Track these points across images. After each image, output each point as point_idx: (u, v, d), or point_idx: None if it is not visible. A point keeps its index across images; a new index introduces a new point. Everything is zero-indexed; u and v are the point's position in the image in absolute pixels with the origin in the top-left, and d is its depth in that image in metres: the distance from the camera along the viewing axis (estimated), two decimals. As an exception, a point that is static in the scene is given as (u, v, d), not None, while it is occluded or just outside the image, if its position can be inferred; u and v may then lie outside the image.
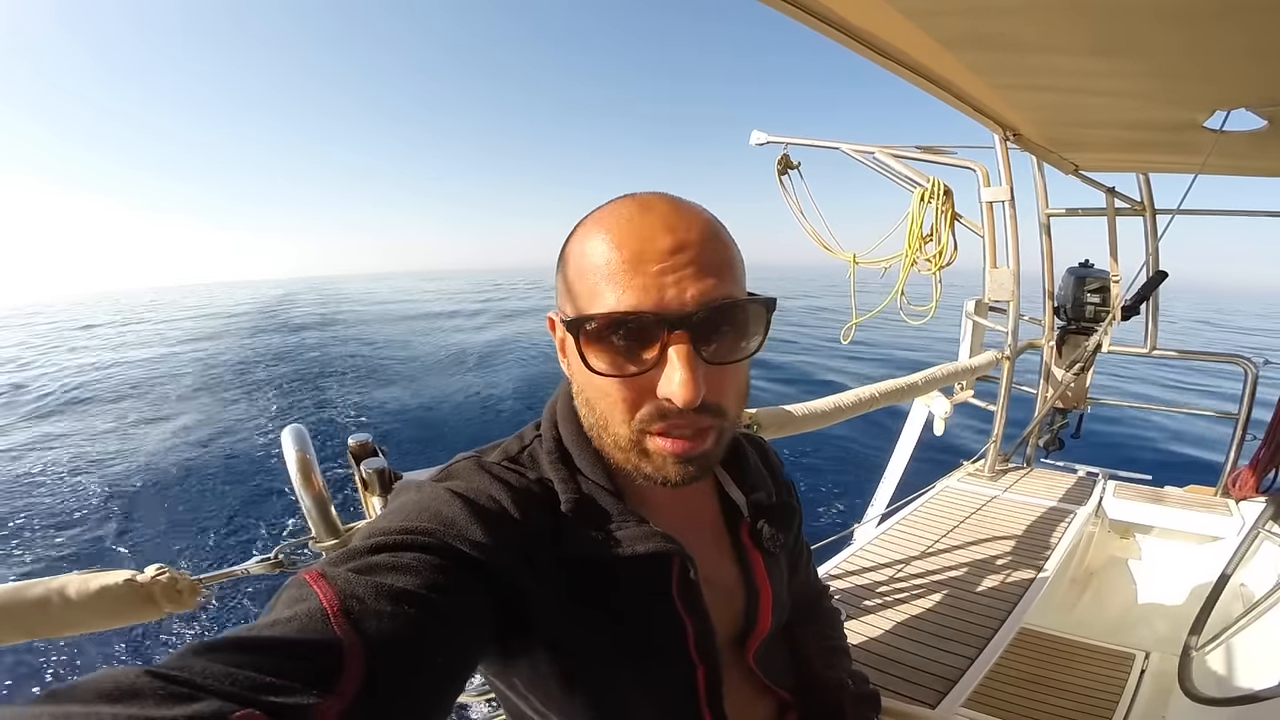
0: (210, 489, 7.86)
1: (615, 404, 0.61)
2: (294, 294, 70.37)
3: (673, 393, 0.57)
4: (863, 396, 2.02)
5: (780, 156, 3.97)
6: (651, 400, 0.60)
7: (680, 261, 0.57)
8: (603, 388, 0.61)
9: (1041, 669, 2.04)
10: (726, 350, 0.61)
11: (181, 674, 0.38)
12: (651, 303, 0.57)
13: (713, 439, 0.63)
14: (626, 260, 0.58)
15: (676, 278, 0.57)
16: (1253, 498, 3.08)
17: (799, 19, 1.56)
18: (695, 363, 0.57)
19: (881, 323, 3.93)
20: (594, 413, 0.64)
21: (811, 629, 1.00)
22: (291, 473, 0.93)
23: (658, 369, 0.58)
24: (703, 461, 0.63)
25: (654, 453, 0.62)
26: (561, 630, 0.63)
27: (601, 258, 0.59)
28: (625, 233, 0.59)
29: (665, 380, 0.58)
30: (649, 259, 0.57)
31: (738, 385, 0.65)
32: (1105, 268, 3.67)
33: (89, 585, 0.86)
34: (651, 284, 0.57)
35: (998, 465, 3.51)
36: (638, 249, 0.58)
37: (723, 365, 0.61)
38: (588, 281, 0.60)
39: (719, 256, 0.60)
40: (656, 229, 0.58)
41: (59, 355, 23.21)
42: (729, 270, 0.61)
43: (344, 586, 0.49)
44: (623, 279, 0.57)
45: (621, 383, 0.60)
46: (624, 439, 0.62)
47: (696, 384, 0.57)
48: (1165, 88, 1.80)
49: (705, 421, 0.61)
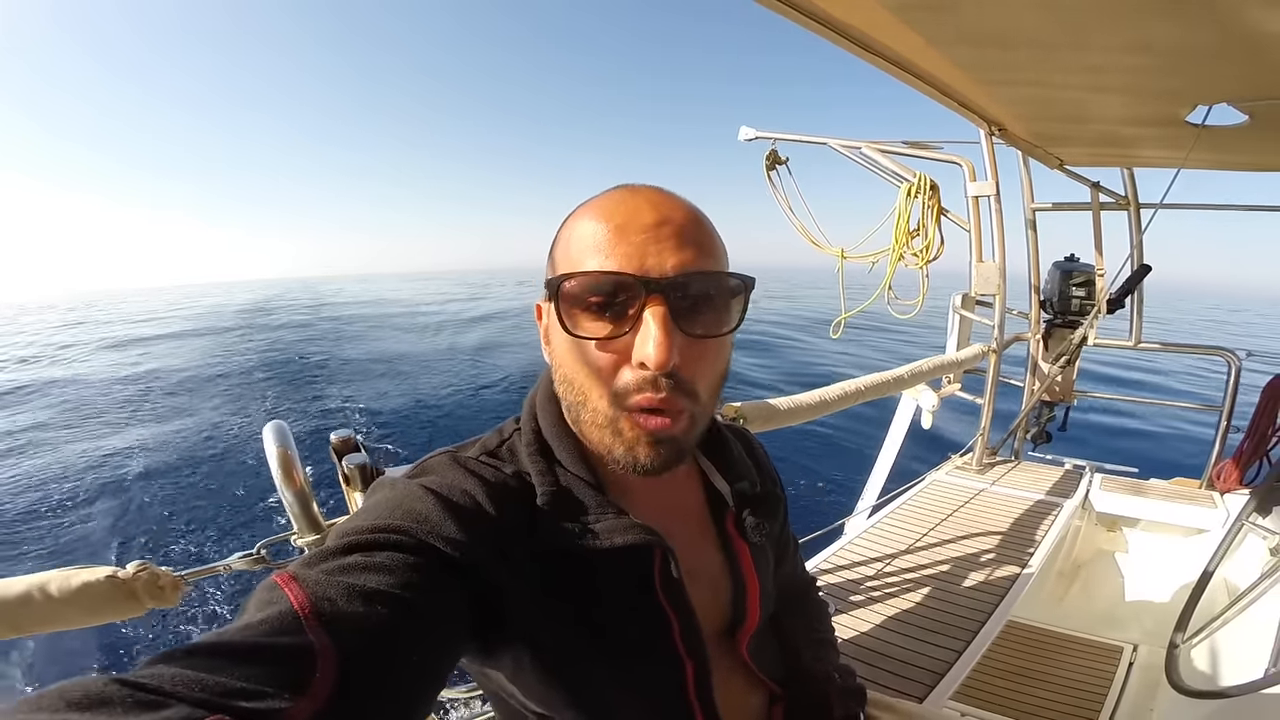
0: (202, 484, 7.81)
1: (592, 373, 0.61)
2: (288, 292, 69.98)
3: (647, 355, 0.57)
4: (848, 390, 2.03)
5: (769, 152, 3.97)
6: (627, 367, 0.60)
7: (664, 233, 0.60)
8: (578, 357, 0.62)
9: (1029, 662, 2.05)
10: (703, 323, 0.61)
11: (150, 681, 0.37)
12: (633, 267, 0.59)
13: (685, 422, 0.63)
14: (612, 231, 0.60)
15: (659, 247, 0.59)
16: (1236, 490, 3.11)
17: (788, 16, 1.57)
18: (671, 328, 0.58)
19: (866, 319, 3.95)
20: (572, 389, 0.64)
21: (799, 621, 1.00)
22: (273, 468, 0.93)
23: (633, 333, 0.59)
24: (673, 445, 0.63)
25: (626, 432, 0.62)
26: (540, 625, 0.63)
27: (589, 230, 0.61)
28: (612, 208, 0.62)
29: (640, 342, 0.58)
30: (633, 230, 0.60)
31: (715, 369, 0.65)
32: (1090, 262, 3.70)
33: (71, 582, 0.86)
34: (634, 251, 0.59)
35: (985, 458, 3.53)
36: (623, 221, 0.60)
37: (699, 340, 0.61)
38: (572, 253, 0.62)
39: (700, 235, 0.62)
40: (643, 206, 0.61)
41: (48, 349, 23.03)
42: (710, 248, 0.63)
43: (315, 588, 0.49)
44: (606, 247, 0.59)
45: (598, 349, 0.60)
46: (602, 414, 0.62)
47: (670, 346, 0.57)
48: (1148, 83, 1.82)
49: (679, 402, 0.61)
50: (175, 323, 34.33)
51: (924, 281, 3.57)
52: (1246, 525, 2.22)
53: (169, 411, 11.93)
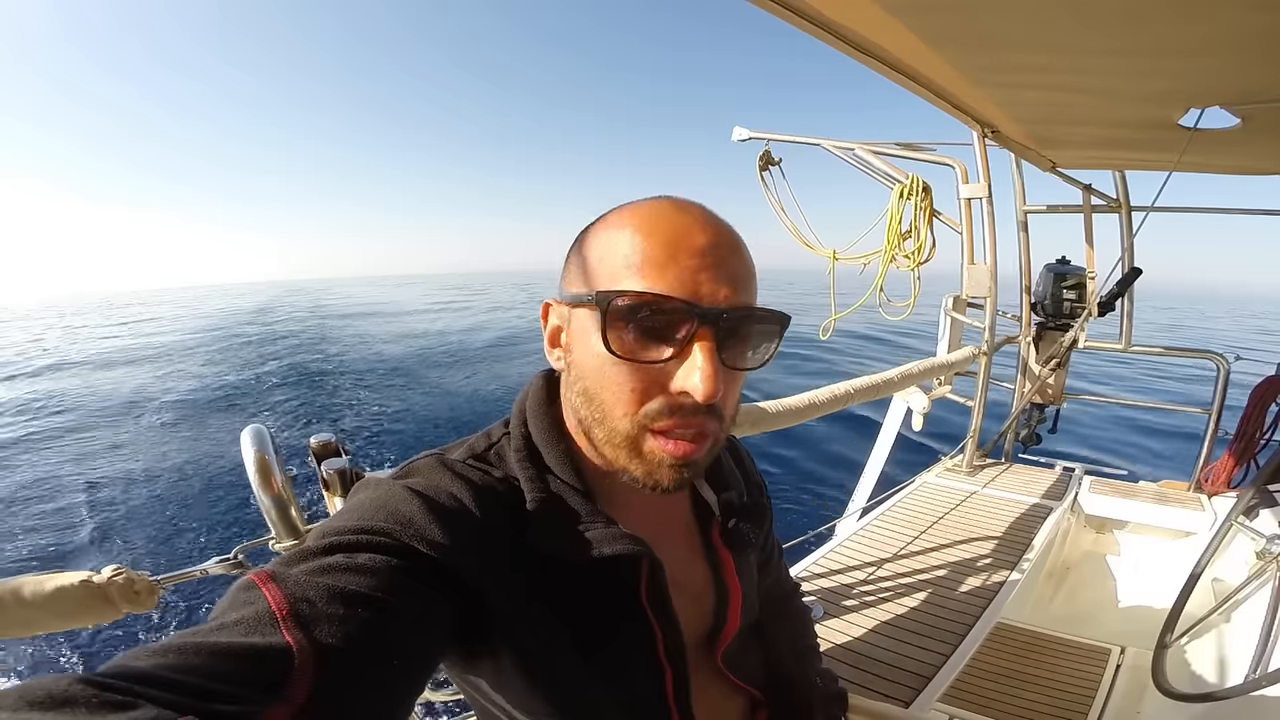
0: (186, 489, 7.72)
1: (621, 394, 0.59)
2: (289, 294, 69.25)
3: (694, 386, 0.56)
4: (838, 393, 2.02)
5: (761, 152, 3.97)
6: (662, 394, 0.59)
7: (713, 260, 0.58)
8: (608, 376, 0.59)
9: (1018, 664, 2.05)
10: (742, 357, 0.61)
11: (118, 680, 0.36)
12: (686, 293, 0.56)
13: (708, 445, 0.62)
14: (660, 248, 0.57)
15: (711, 275, 0.57)
16: (1224, 492, 3.13)
17: (781, 16, 1.56)
18: (718, 361, 0.57)
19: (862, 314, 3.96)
20: (591, 404, 0.62)
21: (783, 627, 1.00)
22: (250, 473, 0.92)
23: (676, 361, 0.58)
24: (695, 469, 0.62)
25: (649, 453, 0.60)
26: (523, 632, 0.62)
27: (630, 243, 0.58)
28: (658, 224, 0.59)
29: (685, 373, 0.57)
30: (684, 252, 0.57)
31: (739, 395, 0.65)
32: (1082, 264, 3.71)
33: (44, 586, 0.85)
34: (688, 276, 0.57)
35: (975, 460, 3.54)
36: (672, 239, 0.58)
37: (734, 371, 0.61)
38: (610, 265, 0.59)
39: (745, 267, 0.61)
40: (693, 226, 0.59)
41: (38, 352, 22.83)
42: (752, 281, 0.62)
43: (294, 589, 0.48)
44: (655, 266, 0.57)
45: (632, 371, 0.58)
46: (621, 434, 0.61)
47: (718, 380, 0.56)
48: (1141, 86, 1.82)
49: (710, 425, 0.60)
50: (200, 321, 33.99)
51: (916, 283, 3.58)
52: (1235, 526, 2.23)
53: (164, 417, 11.79)
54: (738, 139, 4.00)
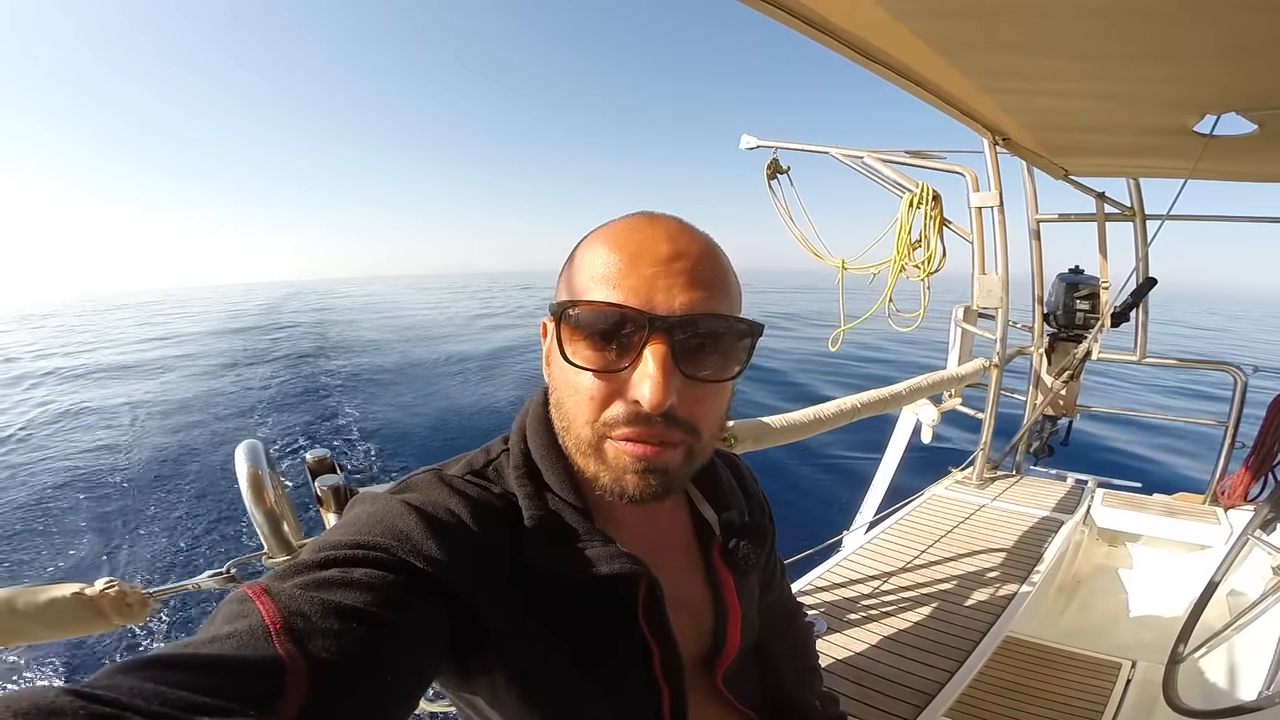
0: (185, 500, 7.71)
1: (583, 401, 0.60)
2: (297, 295, 69.33)
3: (642, 395, 0.56)
4: (844, 407, 1.99)
5: (770, 161, 3.96)
6: (621, 401, 0.59)
7: (675, 269, 0.58)
8: (573, 384, 0.61)
9: (1025, 678, 2.03)
10: (704, 367, 0.60)
11: (107, 693, 0.35)
12: (640, 302, 0.57)
13: (681, 454, 0.61)
14: (624, 260, 0.59)
15: (668, 283, 0.58)
16: (1241, 506, 3.08)
17: (787, 23, 1.55)
18: (670, 369, 0.57)
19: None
20: (560, 413, 0.64)
21: (782, 647, 0.98)
22: (242, 488, 0.92)
23: (632, 369, 0.57)
24: (665, 476, 0.61)
25: (612, 458, 0.60)
26: (519, 650, 0.61)
27: (601, 257, 0.60)
28: (627, 237, 0.60)
29: (637, 380, 0.57)
30: (645, 262, 0.58)
31: (716, 408, 0.64)
32: (1095, 274, 3.66)
33: (37, 597, 0.85)
34: (643, 285, 0.57)
35: (986, 473, 3.49)
36: (636, 251, 0.59)
37: (700, 383, 0.60)
38: (581, 280, 0.60)
39: (714, 274, 0.61)
40: (659, 237, 0.60)
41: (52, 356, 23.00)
42: (723, 289, 0.61)
43: (288, 603, 0.47)
44: (617, 277, 0.58)
45: (593, 380, 0.59)
46: (585, 440, 0.61)
47: (667, 388, 0.56)
48: (1155, 91, 1.79)
49: (676, 435, 0.60)
50: (209, 321, 34.17)
51: (925, 293, 3.55)
52: (1251, 540, 2.19)
53: (161, 422, 11.78)
54: (745, 147, 3.99)
